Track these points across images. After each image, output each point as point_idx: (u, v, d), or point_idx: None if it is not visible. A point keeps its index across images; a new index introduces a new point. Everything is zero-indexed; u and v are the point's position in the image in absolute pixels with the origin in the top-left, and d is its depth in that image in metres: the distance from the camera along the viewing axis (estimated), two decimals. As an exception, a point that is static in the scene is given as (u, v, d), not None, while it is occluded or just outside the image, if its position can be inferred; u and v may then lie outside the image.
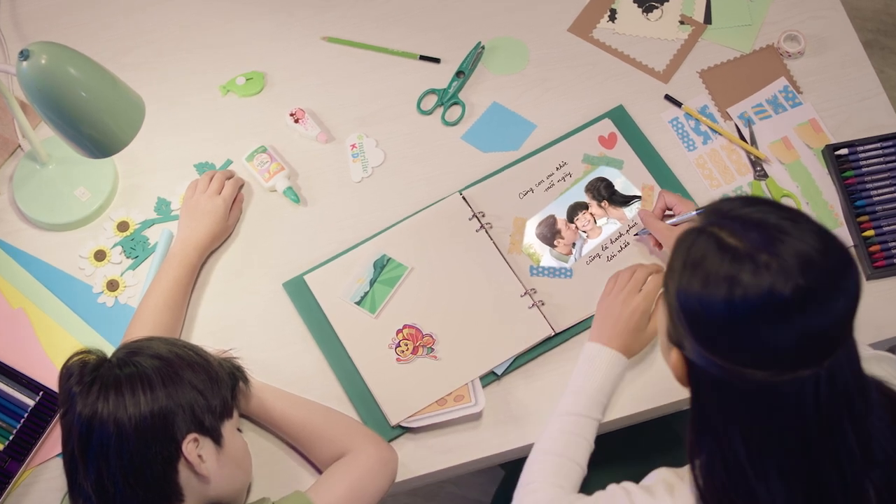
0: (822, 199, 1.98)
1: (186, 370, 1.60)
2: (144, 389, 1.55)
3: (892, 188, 1.98)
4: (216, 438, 1.62)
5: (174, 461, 1.57)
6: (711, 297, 1.26)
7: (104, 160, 1.97)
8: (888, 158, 1.99)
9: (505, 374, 1.87)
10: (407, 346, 1.88)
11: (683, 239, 1.32)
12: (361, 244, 1.96)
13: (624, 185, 2.00)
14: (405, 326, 1.89)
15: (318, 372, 1.89)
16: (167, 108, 2.12)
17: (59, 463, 1.81)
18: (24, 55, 1.68)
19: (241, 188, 2.03)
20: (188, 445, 1.57)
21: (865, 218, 1.95)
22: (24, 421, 1.85)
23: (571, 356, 1.86)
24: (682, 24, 2.16)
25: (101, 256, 1.99)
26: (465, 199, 1.98)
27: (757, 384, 1.28)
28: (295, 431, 1.78)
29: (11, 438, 1.83)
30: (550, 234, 1.96)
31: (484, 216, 1.97)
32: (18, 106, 1.91)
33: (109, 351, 1.63)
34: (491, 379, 1.87)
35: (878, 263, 1.92)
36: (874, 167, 1.99)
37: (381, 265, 1.93)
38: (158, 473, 1.56)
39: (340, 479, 1.70)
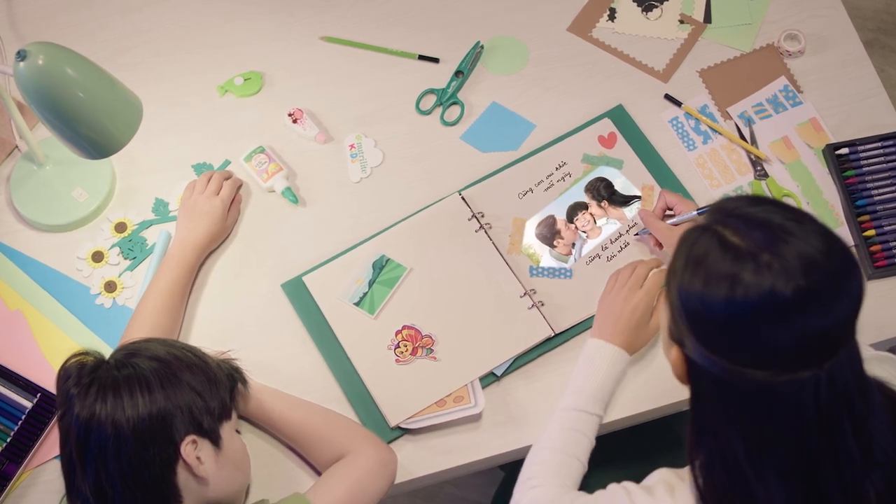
0: (822, 198, 1.98)
1: (185, 372, 1.60)
2: (143, 391, 1.55)
3: (892, 187, 1.97)
4: (215, 440, 1.62)
5: (172, 463, 1.57)
6: (712, 295, 1.25)
7: (102, 161, 1.98)
8: (889, 158, 1.99)
9: (504, 374, 1.87)
10: (406, 346, 1.87)
11: (687, 236, 1.31)
12: (360, 245, 1.96)
13: (624, 185, 2.00)
14: (404, 327, 1.89)
15: (316, 373, 1.88)
16: (165, 108, 2.11)
17: (56, 465, 1.80)
18: (20, 55, 1.68)
19: (239, 189, 2.03)
20: (186, 447, 1.57)
21: (866, 217, 1.95)
22: (21, 423, 1.84)
23: (571, 357, 1.86)
24: (681, 23, 2.16)
25: (98, 258, 1.99)
26: (464, 199, 1.98)
27: (756, 384, 1.27)
28: (294, 433, 1.78)
29: (9, 440, 1.83)
30: (550, 234, 1.96)
31: (483, 216, 1.97)
32: (15, 106, 1.92)
33: (107, 352, 1.63)
34: (490, 380, 1.86)
35: (878, 263, 1.92)
36: (875, 166, 1.99)
37: (379, 266, 1.93)
38: (157, 475, 1.56)
39: (339, 480, 1.70)
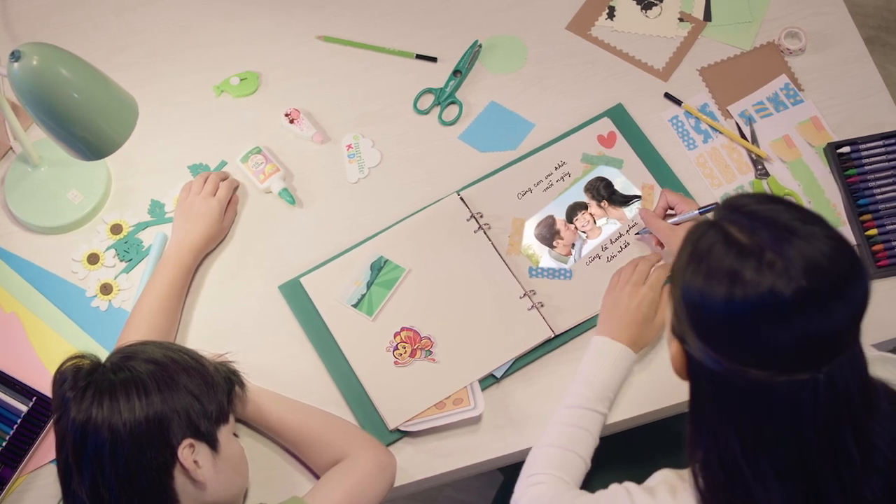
0: (824, 197, 1.97)
1: (182, 375, 1.60)
2: (139, 394, 1.55)
3: (894, 186, 1.96)
4: (212, 444, 1.61)
5: (170, 467, 1.57)
6: (712, 290, 1.25)
7: (97, 162, 1.98)
8: (891, 156, 1.98)
9: (504, 376, 1.86)
10: (405, 348, 1.87)
11: (693, 231, 1.31)
12: (358, 246, 1.96)
13: (624, 184, 1.99)
14: (403, 329, 1.88)
15: (314, 376, 1.88)
16: (160, 108, 2.11)
17: (52, 469, 1.80)
18: (15, 56, 1.69)
19: (235, 190, 2.02)
20: (184, 451, 1.56)
21: (868, 217, 1.94)
22: (17, 427, 1.84)
23: (572, 358, 1.86)
24: (681, 21, 2.15)
25: (94, 260, 1.98)
26: (462, 199, 1.98)
27: (754, 383, 1.27)
28: (292, 436, 1.78)
29: (4, 445, 1.82)
30: (549, 234, 1.95)
31: (482, 217, 1.96)
32: (9, 107, 1.92)
33: (103, 356, 1.63)
34: (490, 382, 1.86)
35: (881, 263, 1.91)
36: (877, 165, 1.98)
37: (378, 267, 1.92)
38: (154, 480, 1.56)
39: (338, 484, 1.69)
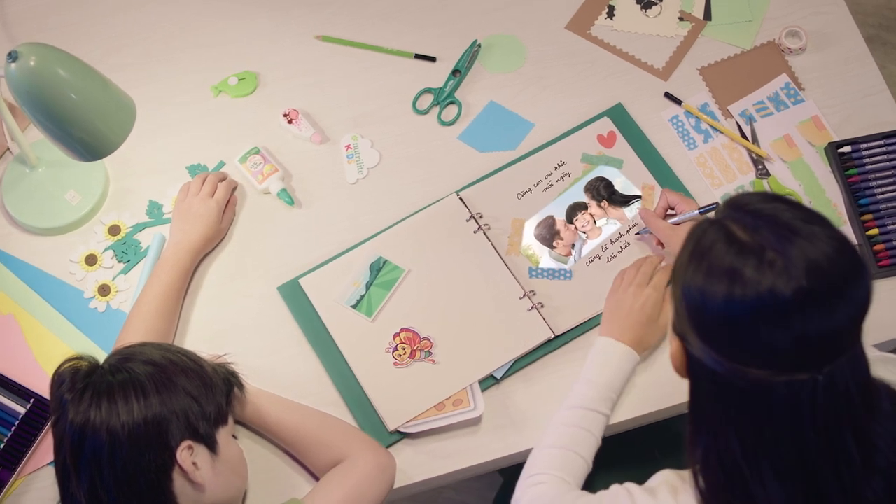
0: (825, 197, 1.97)
1: (180, 376, 1.59)
2: (137, 396, 1.54)
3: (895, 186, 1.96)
4: (211, 445, 1.61)
5: (168, 469, 1.56)
6: (712, 288, 1.25)
7: (95, 163, 1.96)
8: (892, 156, 1.98)
9: (504, 377, 1.86)
10: (404, 349, 1.86)
11: (695, 229, 1.31)
12: (357, 246, 1.95)
13: (624, 184, 1.99)
14: (402, 330, 1.88)
15: (313, 377, 1.87)
16: (158, 109, 2.10)
17: (50, 471, 1.80)
18: (12, 57, 1.68)
19: (234, 190, 2.02)
20: (182, 453, 1.56)
21: (869, 216, 1.94)
22: (14, 429, 1.83)
23: (572, 359, 1.86)
24: (681, 20, 2.15)
25: (92, 261, 1.98)
26: (462, 199, 1.97)
27: (754, 383, 1.26)
28: (291, 438, 1.77)
29: (2, 447, 1.82)
30: (549, 234, 1.95)
31: (482, 217, 1.95)
32: (7, 108, 1.91)
33: (101, 357, 1.62)
34: (490, 383, 1.85)
35: (882, 262, 1.91)
36: (878, 164, 1.97)
37: (377, 268, 1.92)
38: (152, 482, 1.55)
39: (337, 486, 1.69)
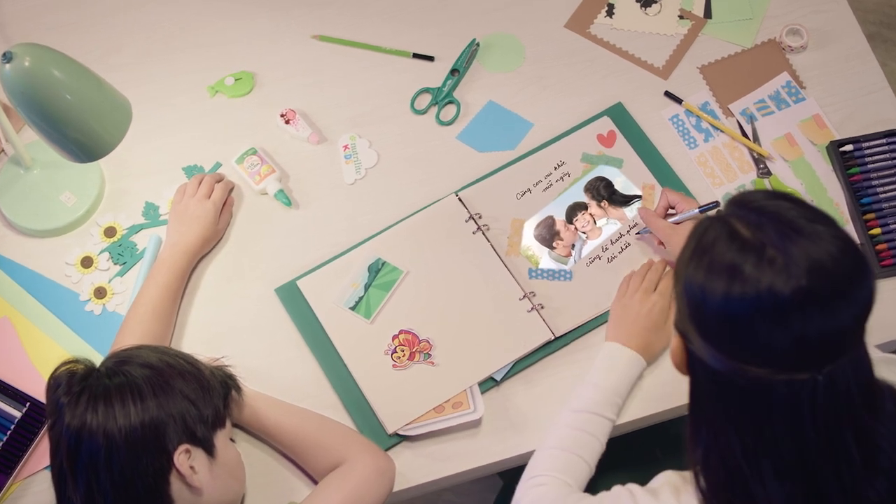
0: (826, 196, 1.96)
1: (177, 379, 1.59)
2: (134, 400, 1.54)
3: (898, 185, 1.96)
4: (209, 449, 1.61)
5: (166, 473, 1.56)
6: (712, 285, 1.24)
7: (90, 164, 1.97)
8: (894, 154, 1.97)
9: (504, 379, 1.85)
10: (403, 351, 1.86)
11: (699, 225, 1.31)
12: (355, 248, 1.95)
13: (624, 184, 1.98)
14: (401, 332, 1.87)
15: (312, 380, 1.87)
16: (154, 109, 2.10)
17: (47, 476, 1.79)
18: (6, 57, 1.69)
19: (231, 191, 2.01)
20: (180, 457, 1.56)
21: (872, 215, 1.93)
22: (10, 433, 1.83)
23: (572, 360, 1.86)
24: (681, 18, 2.14)
25: (87, 263, 1.97)
26: (461, 200, 1.96)
27: (753, 381, 1.26)
28: (289, 441, 1.77)
29: (-2, 451, 1.82)
30: (549, 235, 1.94)
31: (481, 218, 1.95)
32: (1, 109, 1.92)
33: (98, 360, 1.62)
34: (490, 385, 1.85)
35: (885, 262, 1.90)
36: (880, 163, 1.97)
37: (375, 269, 1.91)
38: (149, 486, 1.55)
39: (336, 489, 1.68)
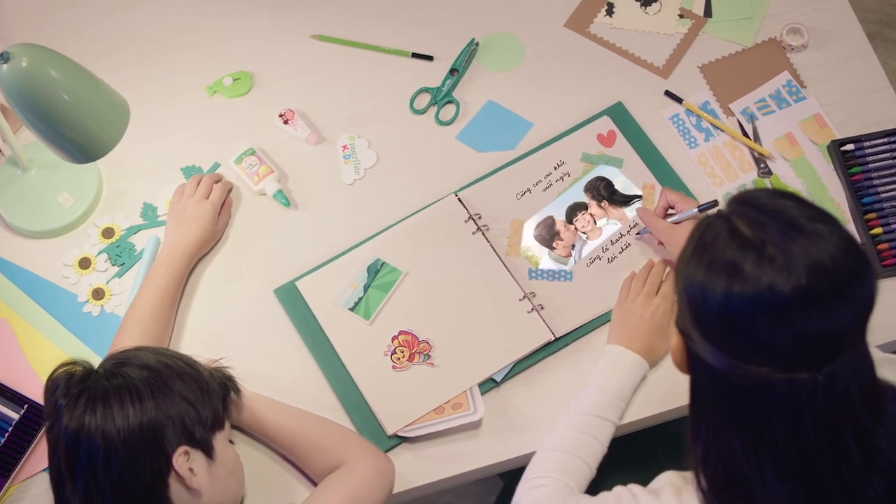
0: (828, 196, 1.96)
1: (176, 381, 1.58)
2: (133, 401, 1.54)
3: (899, 184, 1.96)
4: (207, 451, 1.60)
5: (164, 475, 1.55)
6: (712, 283, 1.24)
7: (88, 165, 1.97)
8: (895, 154, 1.96)
9: (504, 380, 1.85)
10: (403, 353, 1.85)
11: (701, 223, 1.31)
12: (354, 248, 1.94)
13: (624, 184, 1.97)
14: (401, 333, 1.87)
15: (311, 381, 1.87)
16: (152, 110, 2.10)
17: (45, 478, 1.79)
18: (3, 58, 1.69)
19: (229, 192, 2.01)
20: (179, 458, 1.55)
21: (873, 215, 1.93)
22: (8, 435, 1.83)
23: (573, 361, 1.85)
24: (681, 17, 2.14)
25: (85, 264, 1.97)
26: (460, 200, 1.96)
27: (752, 380, 1.25)
28: (288, 442, 1.76)
29: (-5, 453, 1.82)
30: (549, 235, 1.93)
31: (480, 218, 1.94)
32: None
33: (96, 362, 1.61)
34: (490, 386, 1.84)
35: (886, 262, 1.90)
36: (881, 163, 1.96)
37: (375, 270, 1.91)
38: (148, 488, 1.55)
39: (336, 491, 1.68)
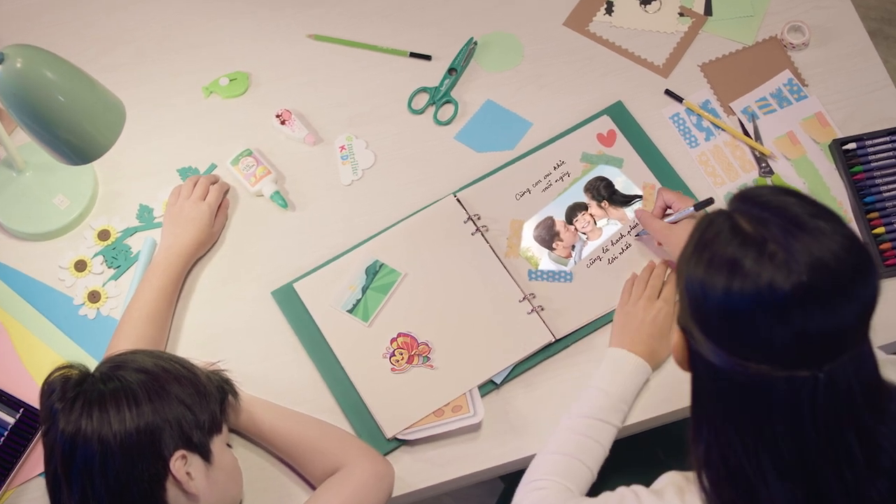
0: (830, 195, 1.96)
1: (173, 384, 1.58)
2: (129, 405, 1.53)
3: (901, 183, 1.95)
4: (205, 455, 1.60)
5: (162, 479, 1.55)
6: (713, 279, 1.24)
7: (83, 166, 1.96)
8: (897, 152, 1.97)
9: (504, 382, 1.84)
10: (402, 355, 1.85)
11: (702, 219, 1.30)
12: (352, 250, 1.94)
13: (624, 184, 1.97)
14: (400, 335, 1.86)
15: (309, 383, 1.86)
16: (149, 110, 2.09)
17: (41, 482, 1.79)
18: None
19: (226, 193, 2.01)
20: (176, 462, 1.55)
21: (875, 214, 1.93)
22: (4, 439, 1.82)
23: (573, 363, 1.85)
24: (681, 15, 2.13)
25: (81, 267, 1.96)
26: (459, 201, 1.95)
27: (753, 378, 1.25)
28: (286, 446, 1.76)
29: (-9, 458, 1.81)
30: (549, 236, 1.93)
31: (480, 219, 1.94)
32: None
33: (92, 365, 1.61)
34: (489, 388, 1.84)
35: (889, 262, 1.89)
36: (883, 161, 1.96)
37: (373, 271, 1.90)
38: (145, 492, 1.54)
39: (334, 495, 1.68)
